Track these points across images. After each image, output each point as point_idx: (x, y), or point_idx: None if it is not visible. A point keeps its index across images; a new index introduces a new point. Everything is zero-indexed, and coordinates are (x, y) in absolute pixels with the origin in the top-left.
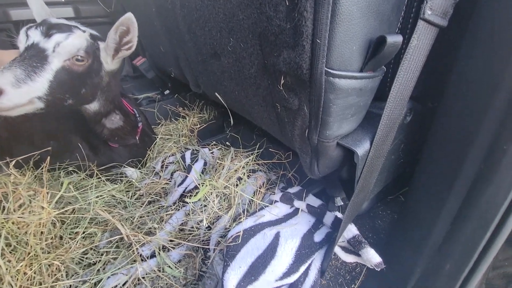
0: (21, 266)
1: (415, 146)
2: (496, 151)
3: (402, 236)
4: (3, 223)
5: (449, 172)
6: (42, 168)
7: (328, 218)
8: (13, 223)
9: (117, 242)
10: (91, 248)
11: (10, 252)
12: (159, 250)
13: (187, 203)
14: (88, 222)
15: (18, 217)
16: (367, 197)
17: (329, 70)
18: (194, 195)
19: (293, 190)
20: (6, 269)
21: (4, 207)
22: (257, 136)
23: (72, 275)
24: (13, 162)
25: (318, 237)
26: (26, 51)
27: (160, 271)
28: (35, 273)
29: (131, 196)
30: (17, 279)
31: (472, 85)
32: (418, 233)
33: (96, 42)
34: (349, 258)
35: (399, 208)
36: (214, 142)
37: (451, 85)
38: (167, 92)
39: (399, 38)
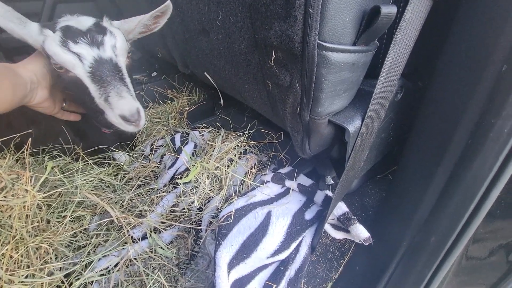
0: (6, 249)
1: (405, 124)
2: (483, 125)
3: (390, 213)
4: None
5: (437, 149)
6: (23, 152)
7: (319, 196)
8: None
9: (107, 225)
10: (80, 231)
11: None
12: (151, 232)
13: (178, 185)
14: (76, 206)
15: (1, 200)
16: (357, 175)
17: (322, 43)
18: (185, 177)
19: (284, 170)
20: None
21: None
22: (248, 118)
23: (62, 258)
24: None
25: (309, 215)
26: (99, 71)
27: (152, 252)
28: (21, 256)
29: (120, 179)
30: (3, 262)
31: (462, 61)
32: (405, 209)
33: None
34: (338, 235)
35: (388, 186)
36: (204, 125)
37: (441, 62)
38: (154, 74)
39: (393, 9)
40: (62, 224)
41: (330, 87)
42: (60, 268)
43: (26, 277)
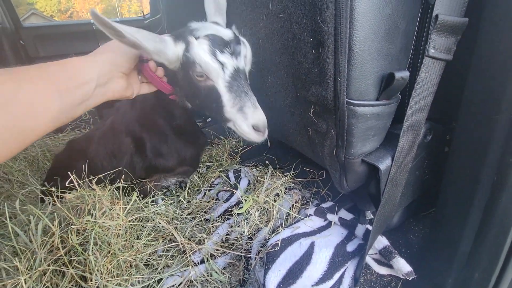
0: (105, 261)
1: (439, 163)
2: (504, 163)
3: (433, 250)
4: (92, 226)
5: (469, 186)
6: (117, 184)
7: (360, 230)
8: (99, 227)
9: (173, 248)
10: (153, 253)
11: (97, 250)
12: (208, 257)
13: (231, 216)
14: (150, 231)
15: (103, 222)
16: (394, 210)
17: (350, 100)
18: (239, 209)
19: (326, 205)
20: (95, 263)
21: (92, 214)
22: (291, 157)
23: (140, 272)
24: (95, 179)
25: (350, 247)
26: (236, 81)
27: (208, 275)
28: (114, 267)
29: (184, 210)
30: (101, 272)
31: (479, 107)
32: (448, 246)
33: None
34: (382, 270)
35: (431, 223)
36: (253, 163)
37: (463, 108)
38: (209, 120)
39: (406, 74)
40: (141, 244)
41: (360, 132)
42: (139, 281)
43: (117, 285)
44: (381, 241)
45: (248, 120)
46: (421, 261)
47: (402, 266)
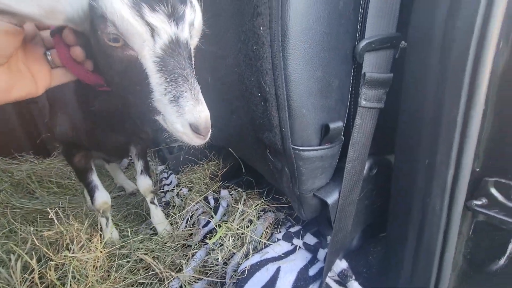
0: None
1: (388, 191)
2: (425, 203)
3: (386, 270)
4: (70, 260)
5: (404, 216)
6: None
7: (322, 254)
8: (77, 260)
9: (152, 276)
10: (131, 283)
11: (75, 283)
12: (185, 285)
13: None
14: (127, 260)
15: (80, 256)
16: (348, 236)
17: (295, 147)
18: (214, 236)
19: (294, 229)
20: None
21: (70, 248)
22: (267, 180)
23: None
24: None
25: (312, 271)
26: (172, 57)
27: None
28: None
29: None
30: None
31: (406, 151)
32: (395, 266)
33: None
34: None
35: (385, 245)
36: (232, 185)
37: (396, 146)
38: None
39: (339, 124)
40: (120, 274)
41: (308, 172)
42: None
43: None
44: (339, 265)
45: (184, 116)
46: (379, 281)
47: None
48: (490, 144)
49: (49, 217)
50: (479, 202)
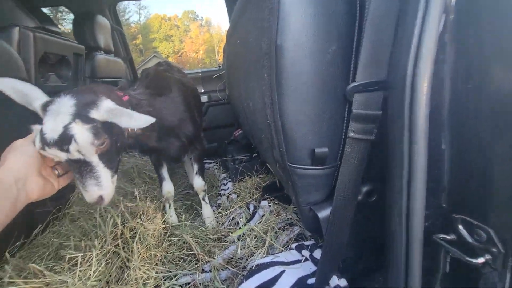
0: (142, 251)
1: None
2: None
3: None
4: (139, 226)
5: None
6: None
7: None
8: (144, 227)
9: (189, 256)
10: (177, 256)
11: (140, 243)
12: (214, 269)
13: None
14: (178, 239)
15: (146, 225)
16: (343, 253)
17: (291, 164)
18: (236, 231)
19: (308, 242)
20: (136, 251)
21: (141, 218)
22: None
23: (165, 265)
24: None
25: (311, 281)
26: (72, 168)
27: (211, 283)
28: (147, 257)
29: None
30: (139, 260)
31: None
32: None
33: None
34: None
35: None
36: (272, 198)
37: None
38: (255, 155)
39: (324, 150)
40: (170, 247)
41: (303, 187)
42: (162, 271)
43: (146, 269)
44: (334, 280)
45: (86, 198)
46: None
47: None
48: (453, 181)
49: (134, 195)
50: (448, 237)
